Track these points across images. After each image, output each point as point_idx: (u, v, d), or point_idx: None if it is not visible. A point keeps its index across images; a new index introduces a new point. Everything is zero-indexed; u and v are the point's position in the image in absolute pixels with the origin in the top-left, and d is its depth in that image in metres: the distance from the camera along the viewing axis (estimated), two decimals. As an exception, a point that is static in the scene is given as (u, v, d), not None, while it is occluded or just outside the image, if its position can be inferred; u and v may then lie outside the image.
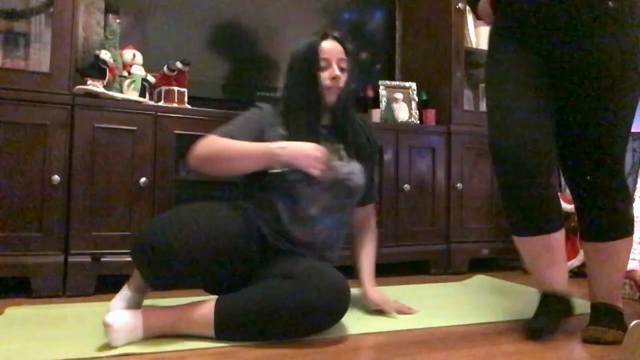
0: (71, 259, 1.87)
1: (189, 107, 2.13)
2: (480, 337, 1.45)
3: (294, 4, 2.65)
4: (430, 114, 2.67)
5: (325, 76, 1.59)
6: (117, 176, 1.94)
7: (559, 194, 2.64)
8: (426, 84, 2.77)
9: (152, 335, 1.31)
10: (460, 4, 2.66)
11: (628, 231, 1.50)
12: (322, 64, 1.60)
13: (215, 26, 2.46)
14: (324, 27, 2.72)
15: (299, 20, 2.68)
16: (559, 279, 1.50)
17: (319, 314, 1.31)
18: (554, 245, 1.47)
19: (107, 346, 1.24)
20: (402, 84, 2.75)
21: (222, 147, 1.48)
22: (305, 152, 1.45)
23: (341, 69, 1.62)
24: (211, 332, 1.32)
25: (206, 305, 1.34)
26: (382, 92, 2.69)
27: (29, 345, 1.27)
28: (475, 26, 2.89)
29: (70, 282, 1.86)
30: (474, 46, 2.85)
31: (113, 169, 1.94)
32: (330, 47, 1.62)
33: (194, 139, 1.49)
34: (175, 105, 2.10)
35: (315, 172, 1.45)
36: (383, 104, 2.66)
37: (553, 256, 1.48)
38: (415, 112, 2.69)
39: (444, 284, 2.18)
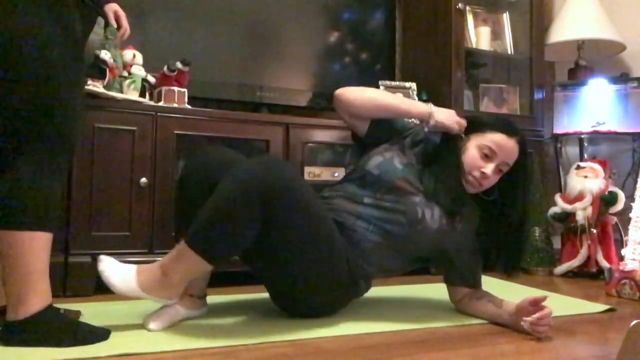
0: (71, 259, 1.86)
1: (189, 107, 2.13)
2: (480, 337, 1.45)
3: (294, 4, 2.65)
4: (430, 114, 2.67)
5: (477, 165, 1.51)
6: (117, 176, 1.94)
7: (559, 193, 2.65)
8: (426, 84, 2.77)
9: (147, 288, 1.32)
10: (460, 4, 2.66)
11: None
12: (486, 151, 1.50)
13: (215, 26, 2.46)
14: (324, 26, 2.74)
15: (299, 19, 2.68)
16: None
17: (257, 187, 1.26)
18: None
19: (107, 346, 1.24)
20: (402, 84, 2.74)
21: (377, 91, 1.67)
22: (451, 112, 1.60)
23: (499, 170, 1.52)
24: (193, 256, 1.28)
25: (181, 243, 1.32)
26: (382, 92, 2.69)
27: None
28: (475, 26, 2.90)
29: (70, 282, 1.85)
30: (474, 46, 2.85)
31: (113, 169, 1.94)
32: (505, 144, 1.50)
33: (194, 139, 1.49)
34: (175, 105, 2.09)
35: (455, 127, 1.55)
36: (383, 104, 2.66)
37: None
38: (415, 112, 2.68)
39: (444, 284, 2.18)
